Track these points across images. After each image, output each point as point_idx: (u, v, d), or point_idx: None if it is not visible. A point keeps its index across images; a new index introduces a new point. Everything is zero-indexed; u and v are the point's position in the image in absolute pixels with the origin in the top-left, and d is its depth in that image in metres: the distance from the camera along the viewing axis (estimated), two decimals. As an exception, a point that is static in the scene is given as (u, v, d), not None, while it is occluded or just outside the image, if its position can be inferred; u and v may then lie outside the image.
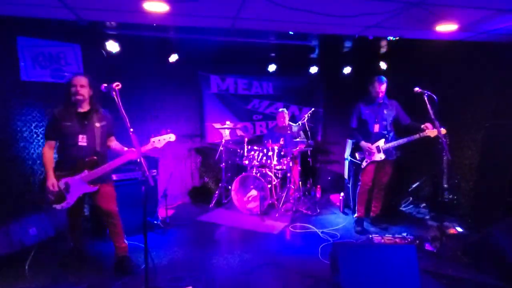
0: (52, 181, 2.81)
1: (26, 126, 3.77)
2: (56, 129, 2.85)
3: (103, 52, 4.27)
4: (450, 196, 4.21)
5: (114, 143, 3.12)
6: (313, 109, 5.56)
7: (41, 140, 3.89)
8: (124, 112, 2.46)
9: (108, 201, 3.02)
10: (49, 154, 2.89)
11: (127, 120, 2.45)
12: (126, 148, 3.00)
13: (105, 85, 2.60)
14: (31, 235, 3.49)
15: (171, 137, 2.91)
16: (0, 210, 3.41)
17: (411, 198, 5.04)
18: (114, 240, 3.09)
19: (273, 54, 5.50)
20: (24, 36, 3.73)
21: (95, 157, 2.89)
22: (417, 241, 3.52)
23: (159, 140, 2.87)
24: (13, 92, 3.65)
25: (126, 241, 3.14)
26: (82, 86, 2.83)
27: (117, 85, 2.57)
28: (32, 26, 3.65)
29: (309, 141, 5.27)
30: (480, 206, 4.06)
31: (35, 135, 3.84)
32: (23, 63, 3.73)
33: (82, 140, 2.87)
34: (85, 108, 2.91)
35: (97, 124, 2.92)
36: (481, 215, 3.98)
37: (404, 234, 3.65)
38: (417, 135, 3.68)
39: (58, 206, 2.87)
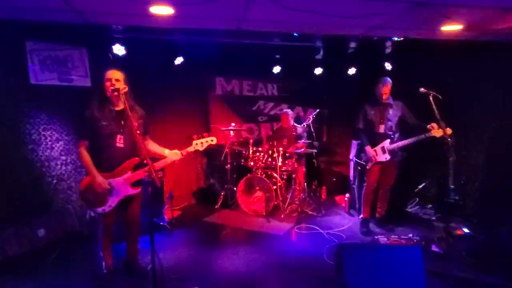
0: (101, 179, 2.59)
1: (35, 129, 3.81)
2: (92, 129, 2.63)
3: (110, 55, 4.31)
4: (457, 197, 4.17)
5: (149, 143, 2.88)
6: (318, 110, 5.54)
7: (49, 143, 3.94)
8: (131, 115, 2.48)
9: (138, 207, 2.92)
10: (87, 154, 2.66)
11: (134, 123, 2.47)
12: (166, 149, 2.80)
13: (112, 88, 2.62)
14: (40, 236, 3.54)
15: (213, 140, 2.81)
16: (9, 211, 3.46)
17: (417, 199, 5.01)
18: (129, 244, 3.07)
19: (277, 56, 5.51)
20: (32, 40, 3.79)
21: (138, 158, 2.73)
22: (423, 242, 3.51)
23: (202, 143, 2.76)
24: (21, 95, 3.71)
25: (139, 246, 3.13)
26: (118, 81, 2.64)
27: (123, 88, 2.59)
28: (40, 30, 3.70)
29: (314, 142, 5.27)
30: (487, 206, 4.03)
31: (43, 138, 3.89)
32: (31, 67, 3.78)
33: (120, 141, 2.67)
34: (120, 105, 2.67)
35: (135, 124, 2.61)
36: (488, 215, 3.95)
37: (410, 235, 3.64)
38: (423, 135, 3.65)
39: (99, 209, 2.68)
